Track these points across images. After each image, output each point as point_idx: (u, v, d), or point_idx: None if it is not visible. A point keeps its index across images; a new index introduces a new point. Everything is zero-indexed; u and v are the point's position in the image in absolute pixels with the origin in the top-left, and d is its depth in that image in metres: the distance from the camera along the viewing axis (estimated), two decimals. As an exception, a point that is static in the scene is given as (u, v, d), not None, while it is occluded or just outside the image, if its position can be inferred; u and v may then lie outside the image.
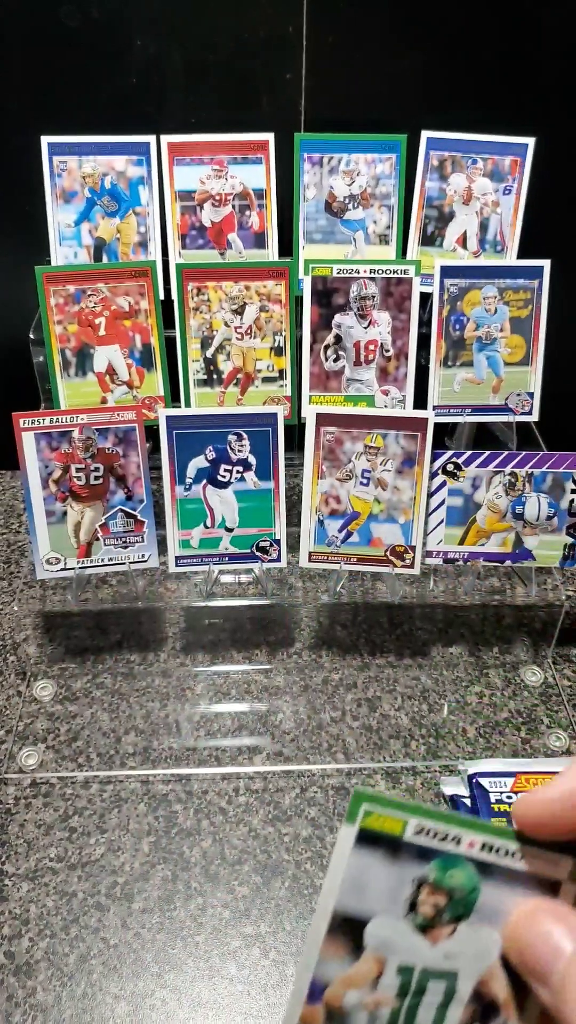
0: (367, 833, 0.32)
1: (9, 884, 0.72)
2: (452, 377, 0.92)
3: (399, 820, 0.32)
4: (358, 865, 0.32)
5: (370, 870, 0.32)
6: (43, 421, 0.81)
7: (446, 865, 0.32)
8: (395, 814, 0.32)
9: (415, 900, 0.32)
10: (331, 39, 0.90)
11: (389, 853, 0.32)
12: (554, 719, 0.86)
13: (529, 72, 0.92)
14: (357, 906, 0.32)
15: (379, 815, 0.31)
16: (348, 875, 0.32)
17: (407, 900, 0.32)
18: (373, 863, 0.32)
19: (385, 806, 0.32)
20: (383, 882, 0.32)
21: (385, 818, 0.32)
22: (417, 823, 0.32)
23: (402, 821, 0.32)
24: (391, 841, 0.32)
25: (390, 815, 0.32)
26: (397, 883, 0.32)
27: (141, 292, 0.88)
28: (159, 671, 0.90)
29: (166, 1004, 0.64)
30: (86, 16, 0.87)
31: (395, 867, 0.32)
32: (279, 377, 0.92)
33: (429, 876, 0.32)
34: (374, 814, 0.31)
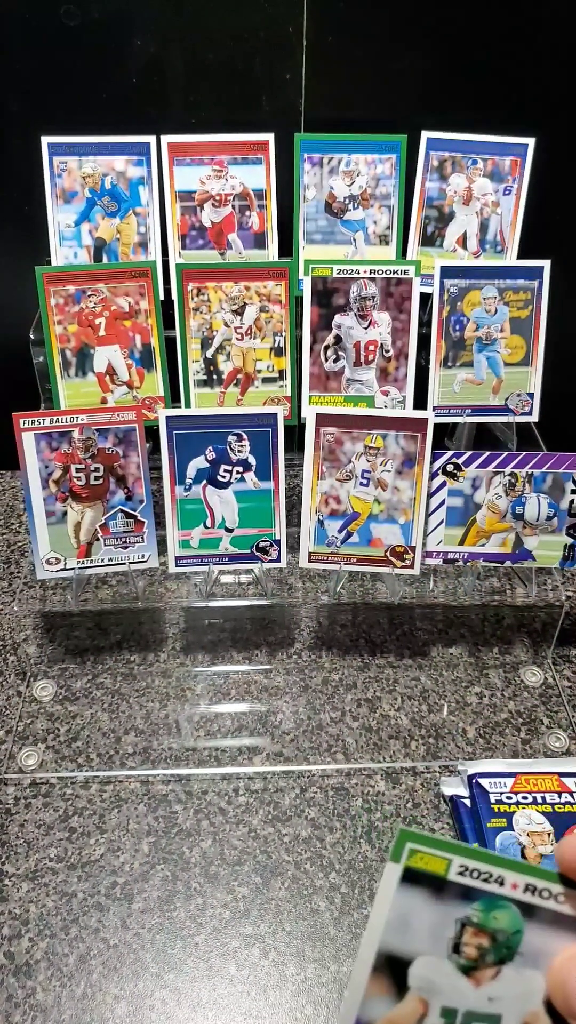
0: (411, 872, 0.32)
1: (9, 884, 0.72)
2: (452, 378, 0.92)
3: (443, 859, 0.32)
4: (402, 904, 0.32)
5: (414, 909, 0.32)
6: (43, 421, 0.81)
7: (489, 906, 0.32)
8: (439, 853, 0.32)
9: (459, 941, 0.32)
10: (331, 39, 0.90)
11: (433, 892, 0.32)
12: (554, 719, 0.86)
13: (529, 72, 0.92)
14: (401, 945, 0.32)
15: (423, 854, 0.32)
16: (393, 914, 0.32)
17: (451, 941, 0.32)
18: (417, 902, 0.32)
19: (429, 845, 0.32)
20: (427, 921, 0.32)
21: (429, 857, 0.32)
22: (461, 863, 0.32)
23: (446, 860, 0.32)
24: (435, 880, 0.32)
25: (434, 854, 0.32)
26: (441, 923, 0.32)
27: (141, 292, 0.88)
28: (159, 671, 0.90)
29: (166, 1004, 0.65)
30: (86, 16, 0.87)
31: (439, 906, 0.32)
32: (279, 377, 0.92)
33: (473, 917, 0.32)
34: (419, 853, 0.32)
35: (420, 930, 0.32)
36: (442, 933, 0.32)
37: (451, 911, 0.32)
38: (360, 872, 0.73)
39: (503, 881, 0.32)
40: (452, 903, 0.32)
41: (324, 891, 0.71)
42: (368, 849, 0.74)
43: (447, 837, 0.32)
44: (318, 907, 0.70)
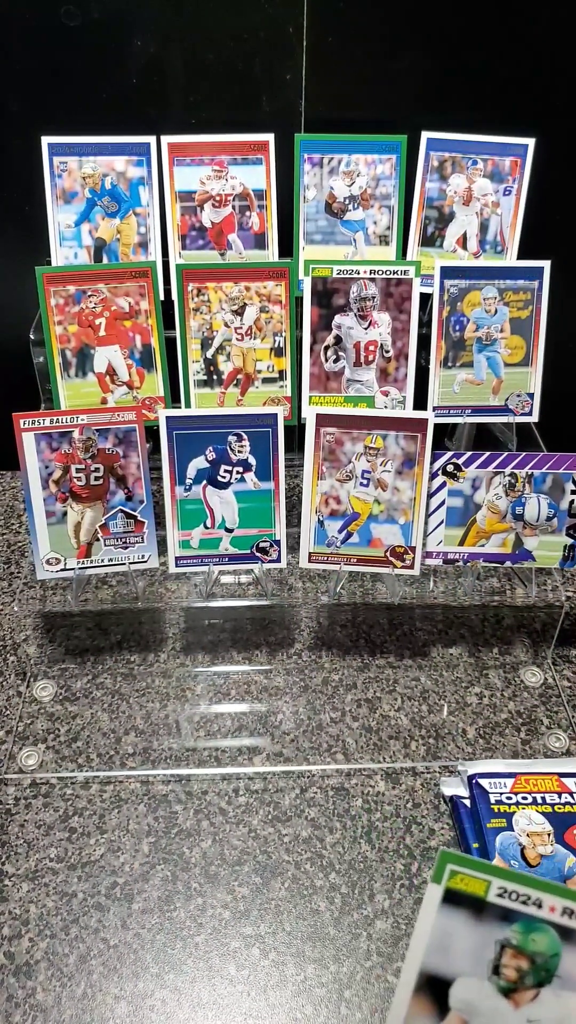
0: (452, 893, 0.32)
1: (9, 884, 0.72)
2: (452, 378, 0.92)
3: (483, 881, 0.33)
4: (443, 925, 0.33)
5: (455, 930, 0.33)
6: (43, 422, 0.81)
7: (528, 929, 0.33)
8: (479, 875, 0.32)
9: (499, 963, 0.33)
10: (331, 39, 0.90)
11: (473, 913, 0.33)
12: (554, 720, 0.86)
13: (529, 72, 0.92)
14: (442, 966, 0.33)
15: (464, 876, 0.32)
16: (434, 934, 0.33)
17: (491, 962, 0.33)
18: (458, 923, 0.33)
19: (470, 867, 0.32)
20: (467, 942, 0.33)
21: (470, 879, 0.32)
22: (500, 884, 0.33)
23: (486, 882, 0.33)
24: (475, 901, 0.33)
25: (475, 876, 0.32)
26: (481, 944, 0.33)
27: (141, 293, 0.88)
28: (159, 671, 0.91)
29: (166, 1004, 0.65)
30: (86, 16, 0.87)
31: (479, 928, 0.33)
32: (279, 378, 0.92)
33: (512, 939, 0.33)
34: (459, 875, 0.32)
35: (461, 951, 0.33)
36: (482, 954, 0.33)
37: (491, 932, 0.33)
38: (360, 872, 0.73)
39: (541, 904, 0.33)
40: (492, 924, 0.33)
41: (324, 891, 0.71)
42: (368, 849, 0.74)
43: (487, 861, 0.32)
44: (318, 907, 0.70)
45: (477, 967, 0.33)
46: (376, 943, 0.68)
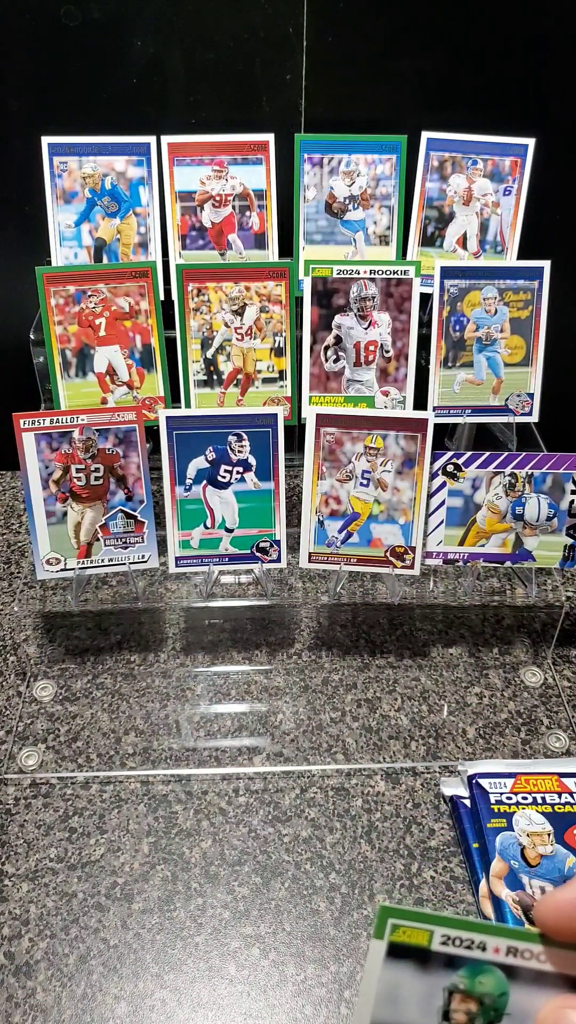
0: (396, 946, 0.32)
1: (9, 884, 0.72)
2: (452, 378, 0.92)
3: (425, 931, 0.32)
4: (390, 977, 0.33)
5: (402, 981, 0.33)
6: (43, 422, 0.81)
7: (475, 972, 0.33)
8: (421, 926, 0.32)
9: (448, 1008, 0.33)
10: (331, 39, 0.90)
11: (419, 964, 0.32)
12: (554, 720, 0.86)
13: (529, 72, 0.92)
14: (392, 1018, 0.33)
15: (405, 928, 0.32)
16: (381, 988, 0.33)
17: (440, 1009, 0.33)
18: (404, 975, 0.32)
19: (411, 919, 0.32)
20: (415, 992, 0.33)
21: (412, 931, 0.32)
22: (443, 933, 0.32)
23: (428, 932, 0.32)
24: (419, 952, 0.32)
25: (416, 927, 0.32)
26: (429, 993, 0.33)
27: (141, 293, 0.88)
28: (159, 672, 0.91)
29: (166, 1005, 0.65)
30: (86, 16, 0.87)
31: (426, 977, 0.33)
32: (279, 378, 0.92)
33: (459, 984, 0.33)
34: (401, 928, 0.32)
35: (409, 1001, 0.33)
36: (431, 1003, 0.33)
37: (438, 980, 0.33)
38: (360, 872, 0.73)
39: (485, 947, 0.33)
40: (438, 973, 0.33)
41: (324, 891, 0.71)
42: (368, 849, 0.74)
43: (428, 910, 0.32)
44: (318, 907, 0.70)
45: (427, 1015, 0.33)
46: (376, 943, 0.68)
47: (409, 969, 0.32)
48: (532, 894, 0.67)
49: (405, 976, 0.32)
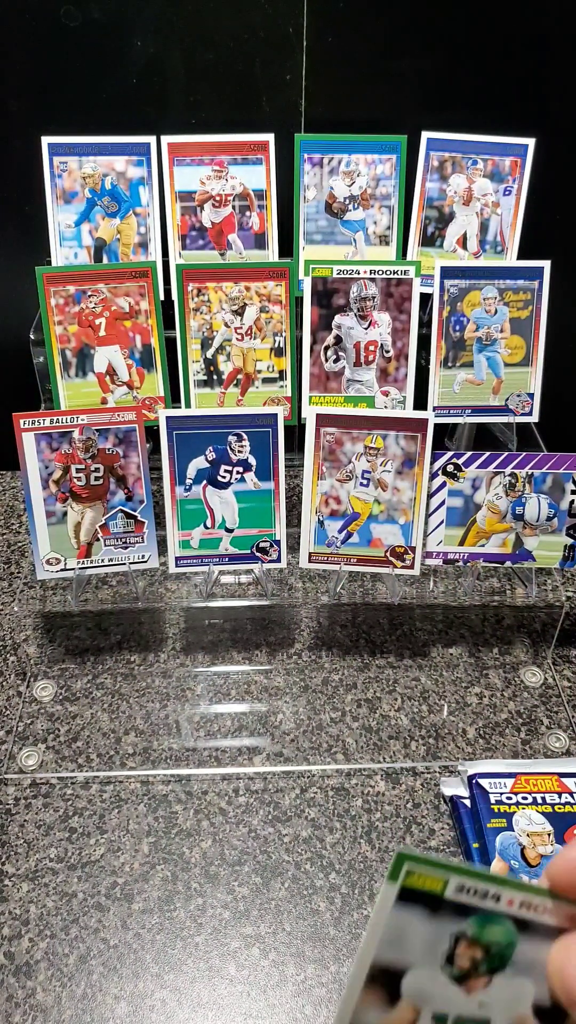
0: (408, 891, 0.32)
1: (9, 884, 0.72)
2: (452, 378, 0.92)
3: (440, 879, 0.32)
4: (398, 921, 0.32)
5: (410, 925, 0.32)
6: (43, 422, 0.81)
7: (485, 921, 0.32)
8: (436, 873, 0.32)
9: (452, 953, 0.33)
10: (331, 39, 0.90)
11: (429, 910, 0.32)
12: (554, 720, 0.86)
13: (529, 72, 0.92)
14: (396, 959, 0.33)
15: (420, 874, 0.32)
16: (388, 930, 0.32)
17: (445, 953, 0.33)
18: (413, 919, 0.32)
19: (427, 865, 0.32)
20: (422, 936, 0.32)
21: (427, 877, 0.32)
22: (458, 882, 0.32)
23: (443, 880, 0.32)
24: (432, 898, 0.32)
25: (431, 874, 0.32)
26: (436, 937, 0.32)
27: (141, 293, 0.88)
28: (159, 672, 0.91)
29: (166, 1005, 0.65)
30: (86, 16, 0.87)
31: (435, 923, 0.32)
32: (279, 378, 0.92)
33: (467, 931, 0.32)
34: (416, 873, 0.32)
35: (415, 944, 0.33)
36: (437, 947, 0.33)
37: (447, 927, 0.33)
38: (360, 872, 0.73)
39: (499, 898, 0.32)
40: (448, 919, 0.32)
41: (324, 891, 0.71)
42: (368, 849, 0.74)
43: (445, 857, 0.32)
44: (318, 907, 0.70)
45: (431, 958, 0.33)
46: (376, 943, 0.68)
47: (419, 914, 0.32)
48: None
49: (414, 920, 0.32)
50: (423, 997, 0.33)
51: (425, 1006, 0.33)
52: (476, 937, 0.32)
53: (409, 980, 0.33)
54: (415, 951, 0.32)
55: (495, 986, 0.33)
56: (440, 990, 0.33)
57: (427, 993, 0.33)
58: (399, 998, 0.33)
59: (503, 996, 0.33)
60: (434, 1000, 0.33)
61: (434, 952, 0.33)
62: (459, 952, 0.33)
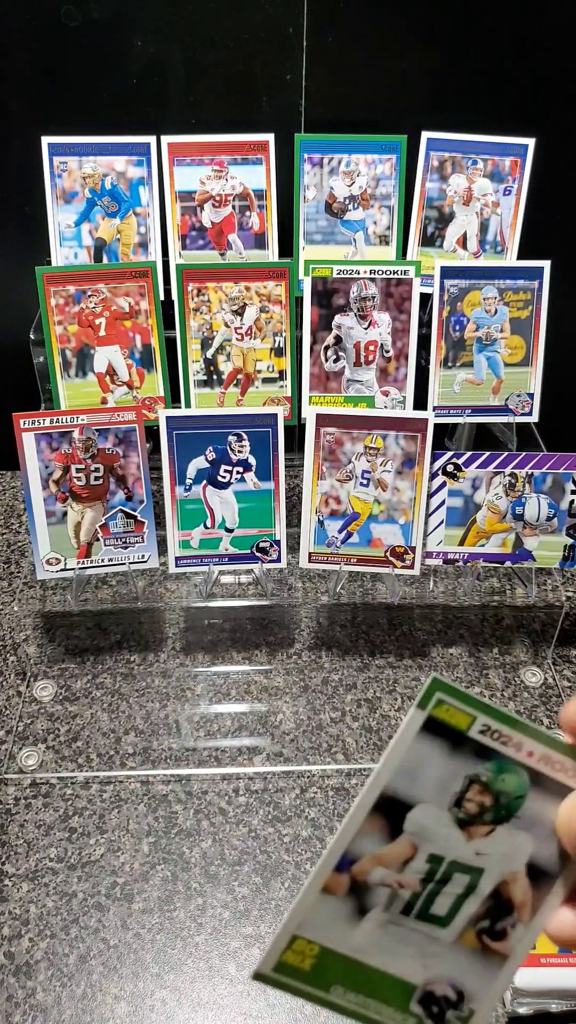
0: (434, 721, 0.32)
1: (9, 884, 0.72)
2: (452, 378, 0.92)
3: (468, 715, 0.32)
4: (418, 751, 0.32)
5: (428, 759, 0.32)
6: (43, 421, 0.81)
7: (501, 768, 0.33)
8: (466, 708, 0.32)
9: (462, 796, 0.33)
10: (331, 39, 0.90)
11: (449, 746, 0.32)
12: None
13: (529, 72, 0.92)
14: (406, 790, 0.33)
15: (450, 707, 0.32)
16: (406, 759, 0.32)
17: (455, 794, 0.33)
18: (432, 752, 0.32)
19: (458, 699, 0.32)
20: (437, 772, 0.33)
21: (455, 710, 0.32)
22: (485, 722, 0.32)
23: (471, 717, 0.32)
24: (455, 734, 0.32)
25: (461, 708, 0.32)
26: (450, 776, 0.33)
27: (141, 293, 0.88)
28: (159, 671, 0.91)
29: (166, 1004, 0.65)
30: (86, 16, 0.87)
31: (452, 760, 0.33)
32: (279, 378, 0.92)
33: (483, 775, 0.33)
34: (445, 704, 0.32)
35: (428, 780, 0.33)
36: (449, 786, 0.33)
37: (463, 767, 0.33)
38: (360, 872, 0.73)
39: (521, 746, 0.33)
40: (466, 759, 0.33)
41: (324, 891, 0.71)
42: (368, 849, 0.74)
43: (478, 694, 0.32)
44: (318, 907, 0.70)
45: (440, 797, 0.33)
46: (376, 943, 0.68)
47: (439, 748, 0.32)
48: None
49: (433, 754, 0.32)
50: (424, 835, 0.33)
51: (424, 845, 0.33)
52: (490, 782, 0.33)
53: (414, 815, 0.33)
54: (427, 786, 0.33)
55: (496, 837, 0.33)
56: (442, 831, 0.33)
57: (429, 832, 0.33)
58: (400, 832, 0.33)
59: (501, 849, 0.33)
60: (434, 840, 0.33)
61: (445, 791, 0.33)
62: (470, 795, 0.33)
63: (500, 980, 0.34)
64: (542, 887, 0.33)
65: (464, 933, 0.34)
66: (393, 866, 0.33)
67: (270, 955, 0.35)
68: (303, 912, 0.34)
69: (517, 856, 0.33)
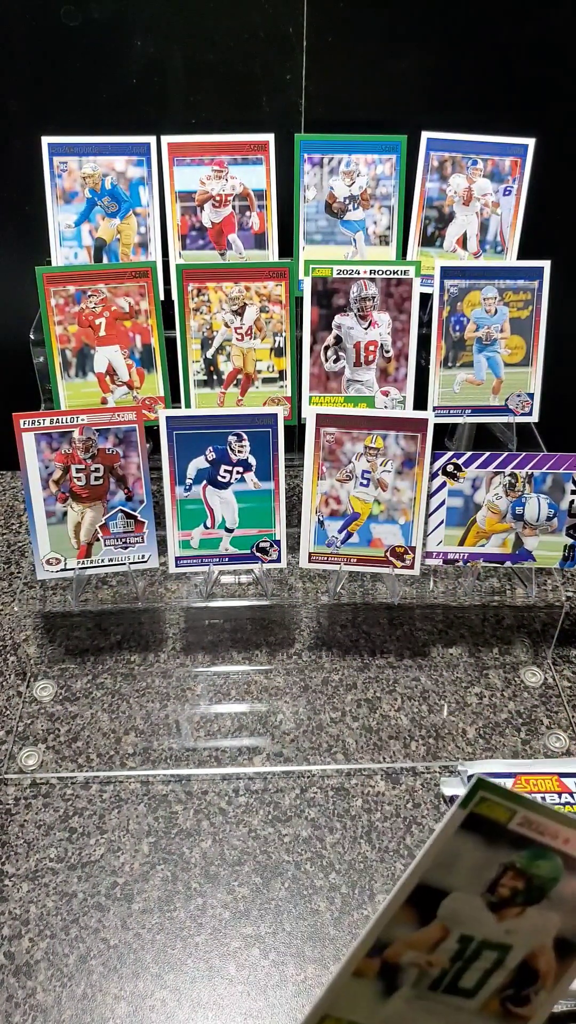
0: (475, 817, 0.32)
1: (9, 884, 0.72)
2: (452, 378, 0.92)
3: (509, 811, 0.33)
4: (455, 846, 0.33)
5: (465, 851, 0.33)
6: (43, 422, 0.81)
7: (536, 856, 0.33)
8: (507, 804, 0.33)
9: (496, 882, 0.34)
10: (331, 39, 0.90)
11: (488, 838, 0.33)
12: (554, 720, 0.86)
13: (529, 72, 0.92)
14: (441, 880, 0.33)
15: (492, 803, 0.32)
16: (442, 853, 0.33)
17: (489, 881, 0.34)
18: (469, 845, 0.33)
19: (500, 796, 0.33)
20: (473, 862, 0.33)
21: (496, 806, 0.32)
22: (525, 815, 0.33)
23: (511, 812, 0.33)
24: (494, 827, 0.33)
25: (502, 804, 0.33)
26: (486, 864, 0.33)
27: (141, 293, 0.88)
28: (159, 672, 0.91)
29: (166, 1005, 0.65)
30: (86, 16, 0.87)
31: (489, 851, 0.33)
32: (279, 378, 0.92)
33: (517, 863, 0.33)
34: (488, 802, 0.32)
35: (463, 869, 0.33)
36: (483, 874, 0.33)
37: (498, 855, 0.33)
38: (360, 872, 0.73)
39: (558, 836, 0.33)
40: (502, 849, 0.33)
41: (324, 891, 0.71)
42: (368, 849, 0.74)
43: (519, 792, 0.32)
44: (318, 907, 0.70)
45: (474, 884, 0.34)
46: (376, 943, 0.68)
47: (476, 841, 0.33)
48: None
49: (470, 846, 0.33)
50: (456, 919, 0.34)
51: (455, 927, 0.34)
52: (524, 869, 0.33)
53: (448, 902, 0.34)
54: (462, 876, 0.33)
55: (526, 916, 0.34)
56: (474, 914, 0.34)
57: (461, 916, 0.34)
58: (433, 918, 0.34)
59: (530, 926, 0.34)
60: (466, 923, 0.34)
61: (479, 879, 0.33)
62: (503, 881, 0.34)
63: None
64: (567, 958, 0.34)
65: (489, 1002, 0.35)
66: (423, 948, 0.34)
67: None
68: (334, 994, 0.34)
69: (546, 931, 0.34)
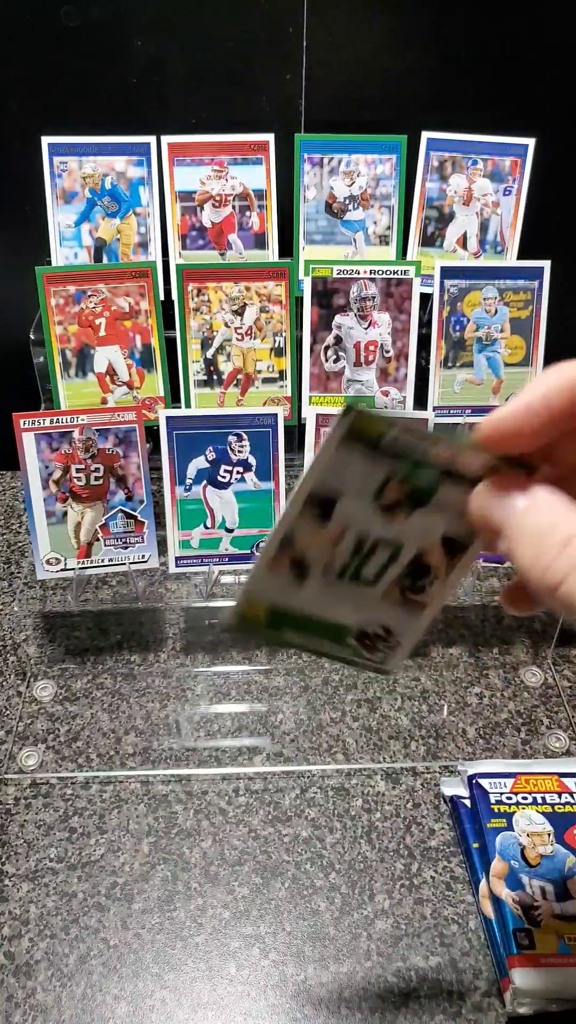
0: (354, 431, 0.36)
1: (9, 884, 0.72)
2: (452, 378, 0.92)
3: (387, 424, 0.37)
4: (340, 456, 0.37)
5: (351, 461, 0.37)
6: (43, 422, 0.81)
7: (415, 467, 0.38)
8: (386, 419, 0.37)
9: (383, 488, 0.38)
10: (331, 39, 0.90)
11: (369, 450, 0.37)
12: (554, 720, 0.86)
13: (529, 72, 0.92)
14: (333, 486, 0.38)
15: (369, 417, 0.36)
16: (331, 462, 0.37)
17: (376, 488, 0.38)
18: (354, 458, 0.37)
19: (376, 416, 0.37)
20: (359, 470, 0.38)
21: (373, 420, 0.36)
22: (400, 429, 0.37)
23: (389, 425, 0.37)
24: (372, 441, 0.37)
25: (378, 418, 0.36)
26: (370, 474, 0.38)
27: (141, 293, 0.88)
28: (159, 672, 0.91)
29: (166, 1005, 0.65)
30: (86, 16, 0.87)
31: (371, 462, 0.37)
32: (279, 378, 0.92)
33: (398, 472, 0.38)
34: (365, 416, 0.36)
35: (352, 476, 0.38)
36: (369, 482, 0.38)
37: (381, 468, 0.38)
38: (360, 872, 0.73)
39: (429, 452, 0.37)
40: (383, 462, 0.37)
41: (324, 891, 0.71)
42: (368, 849, 0.74)
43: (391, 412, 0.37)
44: (318, 907, 0.70)
45: (363, 491, 0.38)
46: (376, 943, 0.68)
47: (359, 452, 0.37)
48: (532, 894, 0.67)
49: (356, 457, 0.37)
50: (350, 519, 0.39)
51: (351, 526, 0.39)
52: (405, 477, 0.38)
53: (341, 506, 0.38)
54: (351, 482, 0.38)
55: (413, 519, 0.39)
56: (366, 516, 0.39)
57: (355, 517, 0.39)
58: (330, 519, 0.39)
59: (418, 527, 0.39)
60: (360, 522, 0.39)
61: (366, 486, 0.38)
62: (389, 490, 0.38)
63: (421, 621, 0.43)
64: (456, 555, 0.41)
65: (389, 590, 0.42)
66: (326, 545, 0.39)
67: (232, 613, 0.41)
68: (253, 583, 0.40)
69: (432, 531, 0.40)
